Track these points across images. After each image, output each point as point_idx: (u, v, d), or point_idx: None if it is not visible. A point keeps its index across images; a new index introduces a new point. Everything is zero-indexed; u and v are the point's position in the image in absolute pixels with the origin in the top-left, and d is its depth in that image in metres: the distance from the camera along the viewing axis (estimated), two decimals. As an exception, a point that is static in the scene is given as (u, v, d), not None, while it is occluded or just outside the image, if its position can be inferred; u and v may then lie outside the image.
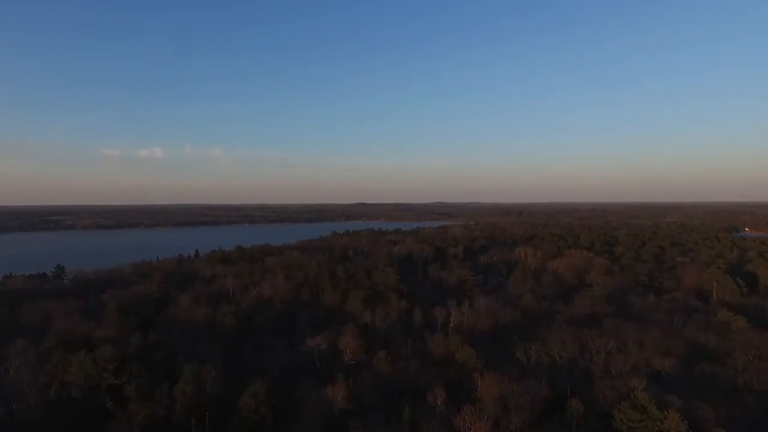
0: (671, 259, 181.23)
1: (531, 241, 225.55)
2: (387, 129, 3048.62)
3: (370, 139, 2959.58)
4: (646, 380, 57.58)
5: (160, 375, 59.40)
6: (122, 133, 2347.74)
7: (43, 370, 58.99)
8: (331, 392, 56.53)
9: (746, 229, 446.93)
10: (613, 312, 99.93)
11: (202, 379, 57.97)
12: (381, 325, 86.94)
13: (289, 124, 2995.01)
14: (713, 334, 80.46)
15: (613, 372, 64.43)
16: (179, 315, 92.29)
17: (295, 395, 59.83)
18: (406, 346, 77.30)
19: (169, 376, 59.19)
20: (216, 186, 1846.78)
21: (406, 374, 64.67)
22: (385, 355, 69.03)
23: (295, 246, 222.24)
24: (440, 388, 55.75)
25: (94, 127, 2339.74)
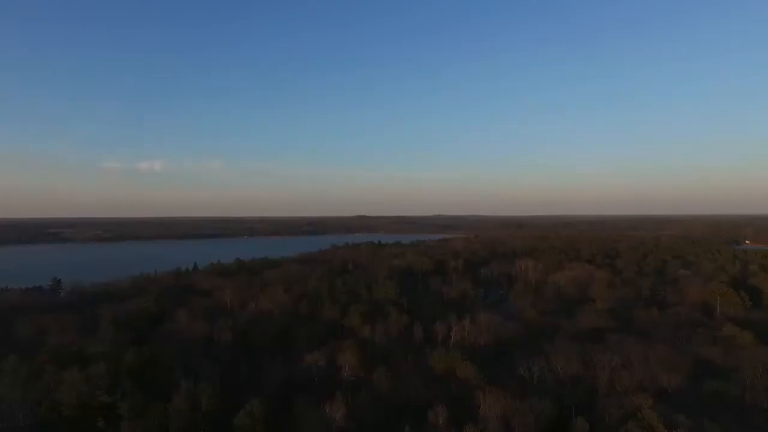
0: (673, 273, 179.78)
1: (532, 254, 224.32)
2: (387, 142, 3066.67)
3: (370, 152, 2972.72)
4: (652, 398, 56.21)
5: (155, 392, 58.01)
6: (123, 145, 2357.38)
7: (35, 388, 57.54)
8: (329, 410, 55.07)
9: (746, 241, 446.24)
10: (617, 327, 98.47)
11: (197, 396, 56.61)
12: (381, 341, 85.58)
13: (289, 136, 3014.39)
14: (719, 350, 79.03)
15: (618, 389, 63.05)
16: (176, 330, 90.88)
17: (292, 413, 58.34)
18: (406, 362, 75.80)
19: (163, 393, 57.80)
20: (216, 198, 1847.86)
21: (407, 391, 63.18)
22: (385, 371, 67.62)
23: (295, 259, 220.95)
24: (442, 406, 54.45)
25: (94, 139, 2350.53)
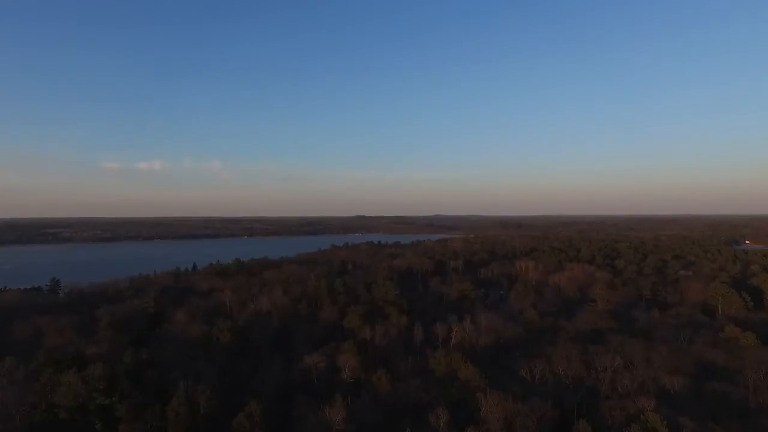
0: (674, 273, 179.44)
1: (531, 254, 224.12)
2: (387, 141, 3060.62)
3: (369, 151, 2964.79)
4: (655, 400, 55.71)
5: (153, 394, 57.46)
6: (122, 145, 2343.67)
7: (32, 390, 56.93)
8: (329, 412, 54.52)
9: (746, 241, 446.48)
10: (618, 328, 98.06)
11: (195, 398, 56.05)
12: (380, 342, 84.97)
13: (288, 137, 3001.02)
14: (721, 351, 78.64)
15: (620, 391, 62.55)
16: (174, 330, 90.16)
17: (292, 415, 57.79)
18: (406, 364, 75.27)
19: (161, 395, 57.23)
20: (215, 199, 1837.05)
21: (407, 393, 62.69)
22: (385, 373, 67.07)
23: (294, 259, 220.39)
24: (442, 408, 53.86)
25: (93, 139, 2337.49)
